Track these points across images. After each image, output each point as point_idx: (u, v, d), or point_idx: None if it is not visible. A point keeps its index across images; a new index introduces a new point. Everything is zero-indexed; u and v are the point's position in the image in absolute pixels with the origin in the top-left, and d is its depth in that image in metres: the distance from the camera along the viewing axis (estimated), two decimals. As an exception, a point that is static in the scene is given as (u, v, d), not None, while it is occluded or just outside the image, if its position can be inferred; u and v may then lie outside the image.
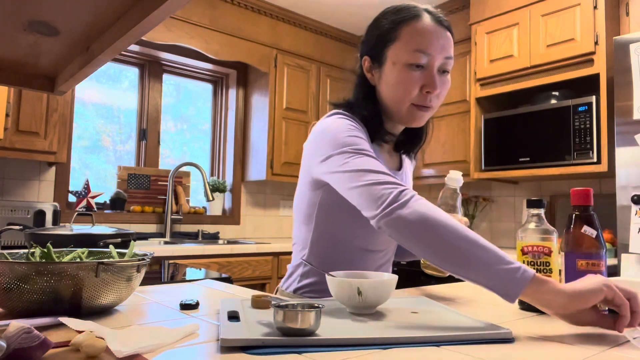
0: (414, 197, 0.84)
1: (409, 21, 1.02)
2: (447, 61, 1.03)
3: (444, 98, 1.08)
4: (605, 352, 0.64)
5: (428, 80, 1.01)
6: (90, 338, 0.57)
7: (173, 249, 2.48)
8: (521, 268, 0.73)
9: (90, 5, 0.62)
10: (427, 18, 1.02)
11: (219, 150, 3.66)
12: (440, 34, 1.02)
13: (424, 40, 1.00)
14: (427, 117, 1.08)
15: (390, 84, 1.04)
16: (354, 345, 0.64)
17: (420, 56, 1.00)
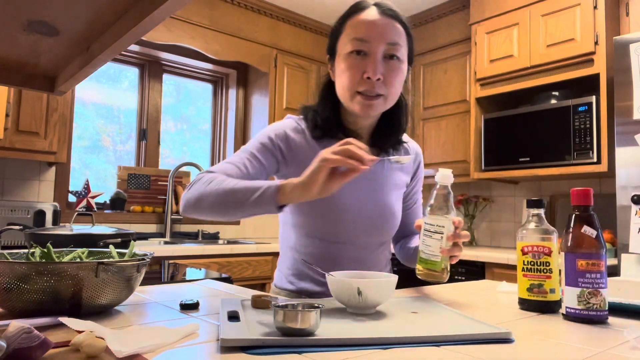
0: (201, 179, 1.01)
1: (353, 14, 1.08)
2: (391, 47, 1.05)
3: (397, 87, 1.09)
4: (605, 352, 0.64)
5: (368, 66, 1.03)
6: (90, 338, 0.57)
7: (173, 249, 2.48)
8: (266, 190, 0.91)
9: (90, 6, 0.62)
10: (371, 9, 1.06)
11: (219, 150, 3.66)
12: (382, 22, 1.05)
13: (362, 28, 1.05)
14: (377, 106, 1.07)
15: (338, 75, 1.09)
16: (354, 345, 0.64)
17: (359, 43, 1.04)
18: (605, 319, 0.82)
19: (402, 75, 1.09)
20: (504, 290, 1.17)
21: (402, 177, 1.21)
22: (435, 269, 0.92)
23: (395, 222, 1.19)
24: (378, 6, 1.07)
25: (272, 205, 0.91)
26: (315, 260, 1.12)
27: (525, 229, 0.94)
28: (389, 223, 1.17)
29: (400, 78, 1.08)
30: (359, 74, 1.04)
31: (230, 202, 0.95)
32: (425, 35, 3.40)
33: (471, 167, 2.94)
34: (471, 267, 2.60)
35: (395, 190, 1.19)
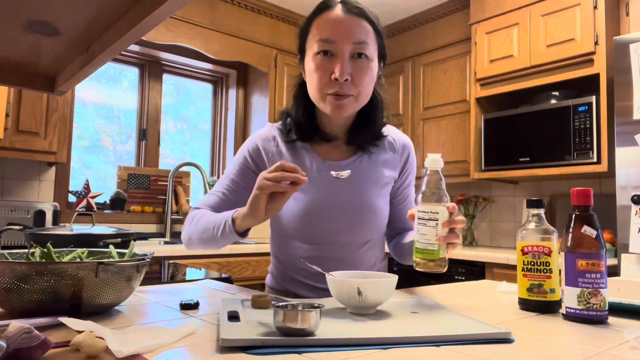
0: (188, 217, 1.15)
1: (319, 13, 1.07)
2: (357, 46, 1.03)
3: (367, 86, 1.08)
4: (605, 352, 0.64)
5: (335, 67, 1.03)
6: (90, 338, 0.57)
7: (173, 249, 2.48)
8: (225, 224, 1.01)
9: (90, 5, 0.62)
10: (336, 8, 1.05)
11: (219, 150, 3.66)
12: (348, 21, 1.04)
13: (328, 28, 1.04)
14: (348, 106, 1.06)
15: (308, 76, 1.10)
16: (354, 345, 0.64)
17: (325, 44, 1.04)
18: (605, 319, 0.82)
19: (372, 73, 1.08)
20: (504, 290, 1.17)
21: (385, 172, 1.18)
22: (433, 257, 0.89)
23: (377, 219, 1.17)
24: (344, 4, 1.06)
25: (233, 235, 1.02)
26: (296, 261, 1.14)
27: (525, 229, 0.94)
28: (370, 221, 1.15)
29: (369, 76, 1.07)
30: (327, 75, 1.04)
31: (207, 239, 1.07)
32: (425, 35, 3.40)
33: (471, 167, 2.94)
34: (471, 267, 2.60)
35: (376, 187, 1.16)
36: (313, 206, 1.11)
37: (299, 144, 1.16)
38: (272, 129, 1.21)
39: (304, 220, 1.12)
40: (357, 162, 1.16)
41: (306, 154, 1.15)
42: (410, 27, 3.51)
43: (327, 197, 1.12)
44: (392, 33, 3.62)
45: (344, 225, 1.13)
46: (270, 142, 1.18)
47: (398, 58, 3.56)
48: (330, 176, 1.04)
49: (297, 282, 1.16)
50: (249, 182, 1.15)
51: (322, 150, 1.17)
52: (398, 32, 3.58)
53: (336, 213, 1.12)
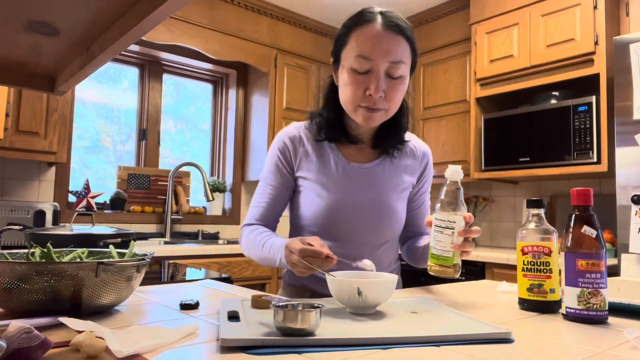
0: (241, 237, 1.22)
1: (358, 26, 1.08)
2: (394, 65, 1.05)
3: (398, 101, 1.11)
4: (605, 352, 0.64)
5: (370, 84, 1.05)
6: (90, 338, 0.57)
7: (173, 249, 2.48)
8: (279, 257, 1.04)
9: (90, 6, 0.62)
10: (377, 23, 1.06)
11: (219, 150, 3.66)
12: (386, 38, 1.05)
13: (367, 46, 1.05)
14: (378, 118, 1.10)
15: (341, 86, 1.12)
16: (354, 345, 0.64)
17: (362, 61, 1.05)
18: (605, 319, 0.82)
19: (404, 89, 1.11)
20: (504, 290, 1.17)
21: (405, 178, 1.23)
22: (447, 264, 0.93)
23: (395, 221, 1.20)
24: (384, 17, 1.06)
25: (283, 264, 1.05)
26: None
27: (525, 229, 0.94)
28: (389, 222, 1.18)
29: (401, 92, 1.10)
30: (362, 90, 1.06)
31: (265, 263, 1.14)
32: (425, 35, 3.40)
33: (471, 167, 2.94)
34: (471, 267, 2.60)
35: (396, 191, 1.20)
36: (336, 205, 1.14)
37: (325, 144, 1.19)
38: (298, 128, 1.23)
39: (326, 218, 1.15)
40: (380, 165, 1.20)
41: (331, 154, 1.19)
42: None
43: (350, 197, 1.15)
44: (392, 33, 3.62)
45: (364, 225, 1.16)
46: (297, 141, 1.20)
47: (398, 58, 3.55)
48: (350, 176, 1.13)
49: (317, 278, 1.17)
50: (285, 183, 1.20)
51: (347, 152, 1.20)
52: (398, 32, 3.57)
53: (357, 213, 1.15)
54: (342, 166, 1.18)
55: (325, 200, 1.14)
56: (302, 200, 1.18)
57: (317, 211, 1.15)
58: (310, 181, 1.17)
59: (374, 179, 1.18)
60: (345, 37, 1.10)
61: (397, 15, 1.09)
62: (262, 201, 1.20)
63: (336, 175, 1.17)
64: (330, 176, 1.16)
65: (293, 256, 0.94)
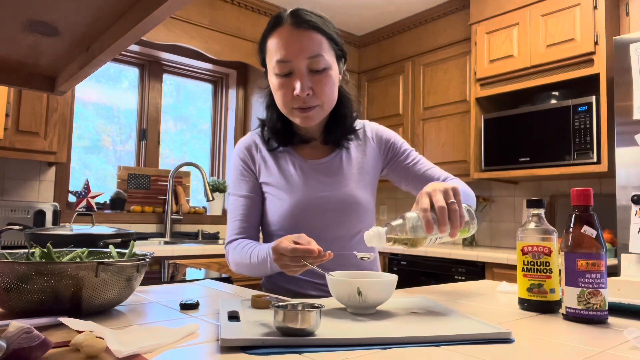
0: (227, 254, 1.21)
1: (270, 33, 1.09)
2: (313, 60, 1.05)
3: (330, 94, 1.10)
4: (605, 352, 0.64)
5: (295, 85, 1.06)
6: (90, 338, 0.57)
7: (173, 249, 2.48)
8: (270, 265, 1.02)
9: (90, 5, 0.62)
10: (286, 25, 1.06)
11: (219, 150, 3.66)
12: (297, 37, 1.05)
13: (281, 48, 1.06)
14: (315, 115, 1.10)
15: (273, 93, 1.13)
16: (354, 345, 0.64)
17: (281, 65, 1.06)
18: (605, 319, 0.82)
19: (332, 81, 1.10)
20: (504, 290, 1.17)
21: (366, 164, 1.22)
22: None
23: (362, 211, 1.18)
24: (293, 16, 1.07)
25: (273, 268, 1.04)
26: None
27: (525, 229, 0.94)
28: (355, 213, 1.18)
29: (330, 84, 1.10)
30: (289, 92, 1.08)
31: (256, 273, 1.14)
32: (425, 35, 3.40)
33: (471, 167, 2.94)
34: (471, 267, 2.60)
35: (358, 180, 1.20)
36: (299, 205, 1.15)
37: (280, 148, 1.21)
38: (253, 135, 1.26)
39: (290, 219, 1.15)
40: (336, 159, 1.21)
41: (288, 156, 1.20)
42: (410, 27, 3.51)
43: (312, 194, 1.16)
44: (392, 33, 3.62)
45: (331, 220, 1.16)
46: (254, 148, 1.23)
47: (398, 58, 3.56)
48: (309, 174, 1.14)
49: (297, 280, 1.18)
50: (254, 189, 1.21)
51: (303, 152, 1.22)
52: (398, 32, 3.58)
53: (322, 209, 1.16)
54: (299, 166, 1.19)
55: (288, 202, 1.15)
56: (267, 207, 1.19)
57: (282, 214, 1.15)
58: (272, 186, 1.18)
59: (332, 172, 1.18)
60: (264, 45, 1.12)
61: (307, 11, 1.09)
62: (237, 214, 1.21)
63: (295, 176, 1.17)
64: (290, 177, 1.17)
65: (284, 257, 0.93)
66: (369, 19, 3.52)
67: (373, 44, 3.78)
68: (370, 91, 3.76)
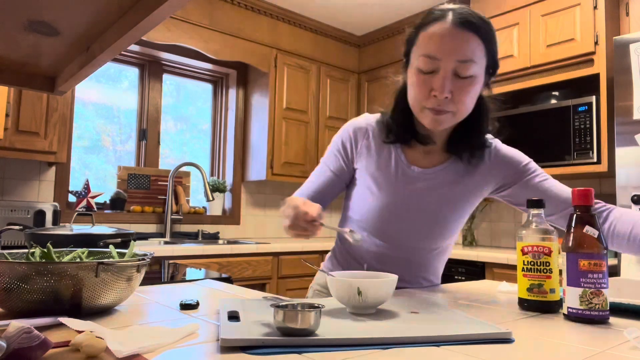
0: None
1: (426, 25, 1.03)
2: (462, 64, 0.98)
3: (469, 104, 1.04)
4: (605, 352, 0.64)
5: (435, 84, 1.00)
6: (90, 338, 0.57)
7: (173, 249, 2.48)
8: None
9: (90, 5, 0.62)
10: (446, 21, 0.99)
11: (219, 150, 3.66)
12: (454, 36, 0.98)
13: (432, 45, 1.00)
14: (445, 121, 1.03)
15: (409, 87, 1.07)
16: (354, 345, 0.64)
17: (427, 60, 1.00)
18: (607, 319, 0.82)
19: (475, 91, 1.04)
20: (504, 290, 1.17)
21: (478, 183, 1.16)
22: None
23: (447, 231, 1.17)
24: (455, 13, 0.99)
25: None
26: (365, 255, 1.19)
27: (525, 229, 0.94)
28: (439, 232, 1.16)
29: (471, 94, 1.03)
30: (427, 90, 1.01)
31: None
32: (425, 35, 3.40)
33: (471, 167, 2.93)
34: (471, 267, 2.59)
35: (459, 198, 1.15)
36: (387, 206, 1.14)
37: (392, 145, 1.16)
38: (368, 120, 1.20)
39: (375, 216, 1.15)
40: (443, 171, 1.14)
41: (393, 153, 1.15)
42: (410, 27, 3.50)
43: (402, 200, 1.14)
44: (392, 33, 3.62)
45: (414, 231, 1.15)
46: (363, 132, 1.18)
47: (398, 58, 3.55)
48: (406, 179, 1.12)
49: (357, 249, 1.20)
50: (340, 172, 1.20)
51: (411, 155, 1.15)
52: (398, 32, 3.58)
53: (408, 218, 1.14)
54: (401, 168, 1.14)
55: (377, 199, 1.14)
56: (354, 193, 1.19)
57: (367, 208, 1.15)
58: (366, 175, 1.16)
59: (433, 185, 1.12)
60: (414, 37, 1.06)
61: (471, 11, 1.01)
62: (317, 181, 1.21)
63: (393, 176, 1.13)
64: (387, 175, 1.14)
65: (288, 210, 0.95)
66: (369, 19, 3.52)
67: (373, 44, 3.78)
68: (370, 91, 3.76)
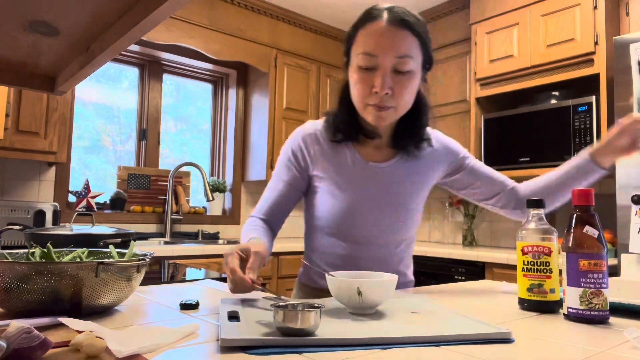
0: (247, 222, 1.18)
1: (363, 24, 1.07)
2: (400, 60, 1.03)
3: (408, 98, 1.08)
4: (605, 352, 0.64)
5: (376, 81, 1.04)
6: (90, 338, 0.57)
7: (173, 249, 2.48)
8: None
9: (90, 6, 0.62)
10: (382, 19, 1.03)
11: (219, 150, 3.66)
12: (390, 33, 1.02)
13: (371, 42, 1.04)
14: (388, 117, 1.08)
15: (351, 85, 1.11)
16: (354, 345, 0.64)
17: (367, 58, 1.04)
18: (607, 319, 0.82)
19: (413, 86, 1.08)
20: (504, 290, 1.17)
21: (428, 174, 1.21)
22: None
23: (412, 221, 1.19)
24: (390, 12, 1.04)
25: None
26: (336, 260, 1.17)
27: (525, 229, 0.94)
28: (404, 222, 1.18)
29: (410, 89, 1.07)
30: (368, 87, 1.05)
31: None
32: (425, 35, 3.40)
33: (471, 167, 2.94)
34: (471, 267, 2.59)
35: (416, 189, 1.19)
36: (351, 205, 1.14)
37: (343, 144, 1.18)
38: (315, 126, 1.22)
39: (341, 218, 1.15)
40: (398, 164, 1.18)
41: (348, 153, 1.17)
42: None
43: (366, 197, 1.15)
44: (392, 33, 3.61)
45: (382, 226, 1.15)
46: (313, 139, 1.19)
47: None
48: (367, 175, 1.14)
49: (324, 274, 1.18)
50: (295, 182, 1.20)
51: (364, 151, 1.18)
52: (398, 32, 3.57)
53: (373, 214, 1.15)
54: (359, 166, 1.16)
55: (341, 201, 1.14)
56: (316, 201, 1.18)
57: (332, 211, 1.15)
58: (326, 181, 1.16)
59: (392, 179, 1.16)
60: (352, 36, 1.10)
61: (405, 10, 1.05)
62: (271, 196, 1.20)
63: (353, 175, 1.15)
64: (346, 176, 1.15)
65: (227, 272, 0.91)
66: (369, 19, 3.52)
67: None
68: (370, 91, 3.75)
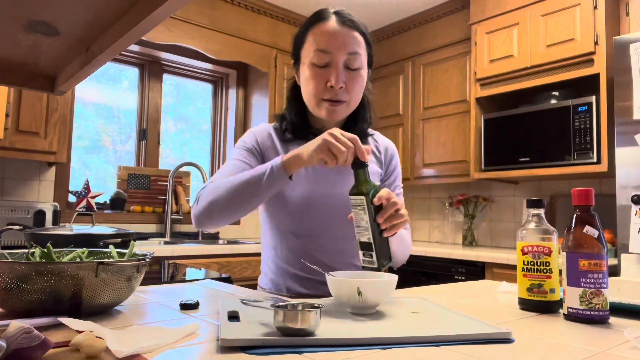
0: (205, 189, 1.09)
1: (314, 24, 1.14)
2: (351, 56, 1.11)
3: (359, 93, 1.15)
4: (605, 352, 0.64)
5: (330, 76, 1.10)
6: (90, 338, 0.57)
7: (173, 249, 2.48)
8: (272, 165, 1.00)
9: (90, 6, 0.62)
10: (332, 20, 1.12)
11: (219, 150, 3.66)
12: (342, 32, 1.11)
13: (324, 40, 1.11)
14: (341, 111, 1.14)
15: (303, 83, 1.17)
16: (354, 345, 0.64)
17: (321, 55, 1.11)
18: (607, 319, 0.82)
19: (363, 81, 1.16)
20: (504, 290, 1.17)
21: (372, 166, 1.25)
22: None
23: None
24: (338, 15, 1.13)
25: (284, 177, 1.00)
26: (294, 255, 1.18)
27: (525, 229, 0.94)
28: None
29: (360, 84, 1.15)
30: (323, 83, 1.12)
31: (244, 193, 1.03)
32: (425, 35, 3.40)
33: (471, 167, 2.94)
34: (471, 267, 2.60)
35: None
36: (304, 200, 1.16)
37: (294, 142, 1.22)
38: (267, 126, 1.28)
39: (295, 212, 1.16)
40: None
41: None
42: (410, 27, 3.51)
43: (318, 191, 1.17)
44: (392, 33, 3.62)
45: (336, 219, 1.16)
46: (267, 137, 1.23)
47: (398, 58, 3.56)
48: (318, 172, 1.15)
49: (298, 277, 1.18)
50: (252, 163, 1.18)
51: None
52: (398, 32, 3.58)
53: (327, 207, 1.17)
54: None
55: (295, 195, 1.16)
56: (270, 202, 1.20)
57: (288, 210, 1.17)
58: None
59: (341, 171, 1.19)
60: (303, 36, 1.17)
61: (350, 14, 1.15)
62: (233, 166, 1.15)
63: (304, 170, 1.18)
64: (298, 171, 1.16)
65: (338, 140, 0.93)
66: (369, 18, 3.52)
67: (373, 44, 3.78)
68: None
